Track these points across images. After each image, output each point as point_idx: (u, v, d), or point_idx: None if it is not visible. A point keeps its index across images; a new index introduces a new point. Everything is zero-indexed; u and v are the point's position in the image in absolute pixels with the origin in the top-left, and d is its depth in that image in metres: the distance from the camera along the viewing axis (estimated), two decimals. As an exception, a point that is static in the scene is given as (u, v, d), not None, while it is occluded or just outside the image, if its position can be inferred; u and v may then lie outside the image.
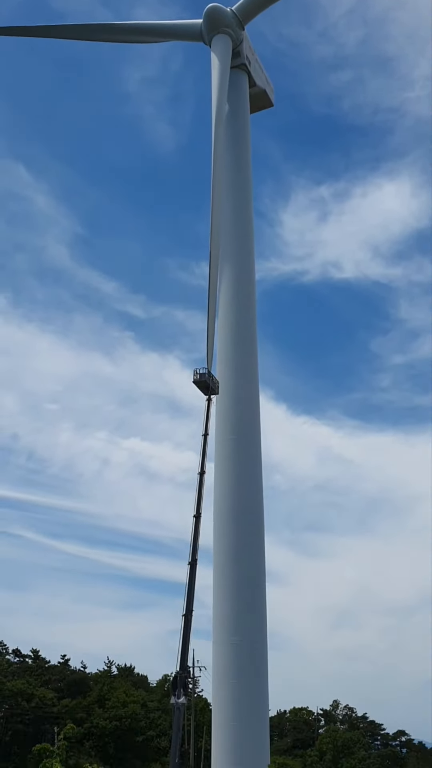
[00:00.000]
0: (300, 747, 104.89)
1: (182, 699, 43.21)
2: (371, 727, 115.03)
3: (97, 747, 77.88)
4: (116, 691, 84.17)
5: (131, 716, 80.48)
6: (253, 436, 59.13)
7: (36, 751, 14.26)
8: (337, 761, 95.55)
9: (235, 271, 64.13)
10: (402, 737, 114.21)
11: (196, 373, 55.56)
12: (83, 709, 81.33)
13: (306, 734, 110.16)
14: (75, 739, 72.77)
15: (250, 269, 65.50)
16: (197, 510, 49.82)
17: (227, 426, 58.58)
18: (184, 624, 46.21)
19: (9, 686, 78.81)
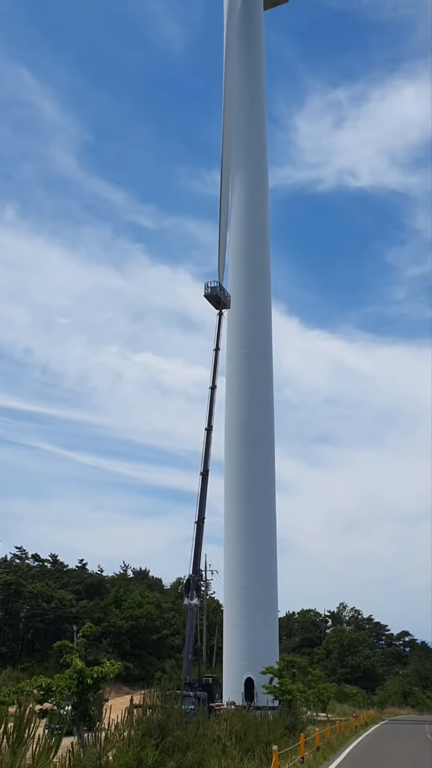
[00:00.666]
0: (307, 646, 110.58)
1: (195, 600, 45.55)
2: (376, 628, 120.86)
3: (114, 644, 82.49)
4: (132, 593, 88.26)
5: (146, 616, 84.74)
6: (265, 351, 59.37)
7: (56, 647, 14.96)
8: (343, 659, 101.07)
9: (248, 179, 62.53)
10: (405, 637, 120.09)
11: (207, 287, 55.34)
12: (101, 609, 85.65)
13: (313, 634, 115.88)
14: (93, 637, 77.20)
15: (263, 177, 63.83)
16: (209, 423, 50.88)
17: (239, 340, 58.72)
18: (197, 531, 48.16)
19: (30, 588, 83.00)
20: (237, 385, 57.45)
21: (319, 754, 23.08)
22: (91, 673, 12.46)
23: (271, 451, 57.17)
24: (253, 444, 55.43)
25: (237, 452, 55.52)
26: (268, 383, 58.58)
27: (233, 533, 53.92)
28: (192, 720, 17.32)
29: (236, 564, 52.85)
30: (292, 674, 38.83)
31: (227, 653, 52.32)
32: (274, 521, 55.45)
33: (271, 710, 32.25)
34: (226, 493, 55.88)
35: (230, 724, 21.68)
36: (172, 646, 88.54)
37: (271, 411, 58.34)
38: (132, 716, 14.30)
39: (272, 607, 53.60)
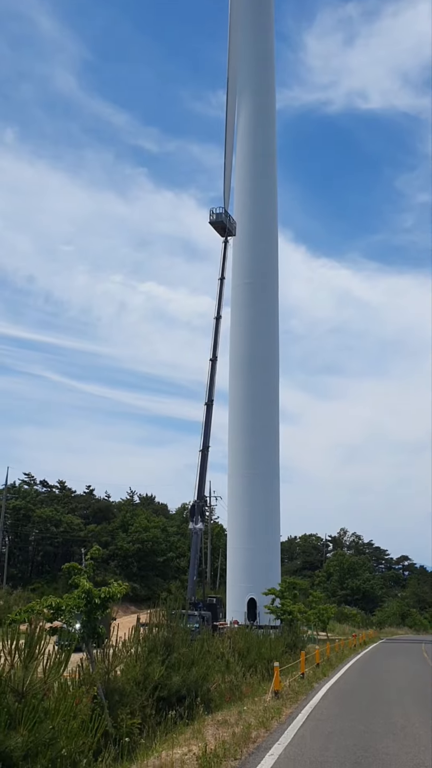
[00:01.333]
0: (309, 569, 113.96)
1: (200, 525, 46.71)
2: (376, 553, 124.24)
3: (122, 566, 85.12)
4: (138, 518, 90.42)
5: (152, 540, 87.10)
6: (271, 280, 58.76)
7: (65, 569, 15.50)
8: (343, 581, 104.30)
9: (255, 100, 60.33)
10: (405, 562, 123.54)
11: (212, 214, 54.25)
12: (108, 533, 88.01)
13: (315, 557, 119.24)
14: (101, 560, 79.64)
15: (271, 98, 61.55)
16: (213, 353, 50.95)
17: (244, 270, 58.04)
18: (201, 459, 48.98)
19: (38, 513, 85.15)
20: (242, 316, 57.13)
21: (318, 671, 24.09)
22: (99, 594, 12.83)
23: (276, 381, 57.40)
24: (258, 374, 55.58)
25: (241, 383, 55.75)
26: (273, 313, 58.23)
27: (237, 461, 54.79)
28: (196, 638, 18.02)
29: (239, 490, 53.92)
30: (293, 595, 40.16)
31: (230, 575, 54.01)
32: (277, 450, 56.23)
33: (272, 629, 33.54)
34: (230, 423, 56.48)
35: (233, 641, 22.56)
36: (177, 568, 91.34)
37: (276, 341, 58.23)
38: (139, 634, 14.86)
39: (274, 531, 54.98)
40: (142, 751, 10.82)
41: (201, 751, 9.64)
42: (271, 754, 10.18)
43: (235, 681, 18.58)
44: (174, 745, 10.67)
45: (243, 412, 55.22)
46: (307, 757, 10.08)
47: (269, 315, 57.68)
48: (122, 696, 12.24)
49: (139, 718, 12.27)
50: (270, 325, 57.57)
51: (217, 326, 50.71)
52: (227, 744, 10.39)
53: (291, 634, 32.31)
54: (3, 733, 8.44)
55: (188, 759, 9.54)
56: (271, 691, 16.57)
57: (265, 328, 56.92)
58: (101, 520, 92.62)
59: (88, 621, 12.78)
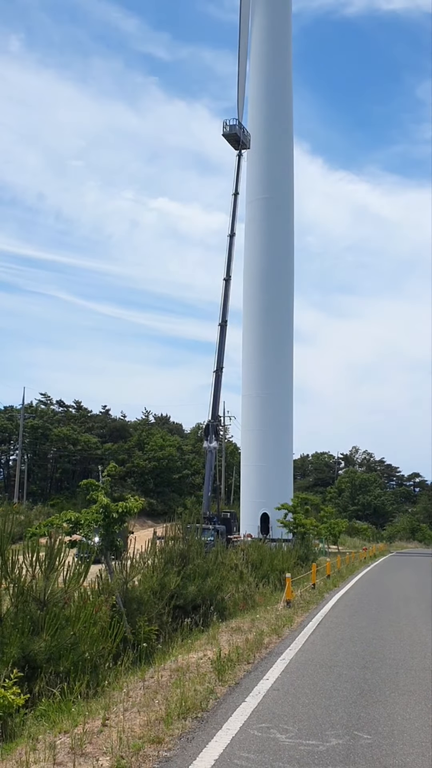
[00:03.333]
0: (321, 485, 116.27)
1: (214, 443, 47.46)
2: (387, 470, 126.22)
3: (138, 483, 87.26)
4: (154, 437, 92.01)
5: (168, 458, 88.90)
6: (286, 195, 57.24)
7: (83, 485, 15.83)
8: (354, 497, 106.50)
9: (270, 1, 57.03)
10: (416, 479, 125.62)
11: (225, 125, 52.42)
12: (124, 452, 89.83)
13: (326, 475, 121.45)
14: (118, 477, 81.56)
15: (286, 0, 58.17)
16: (227, 273, 50.32)
17: (258, 184, 56.49)
18: (215, 379, 49.26)
19: (56, 432, 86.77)
20: (256, 233, 56.04)
21: (329, 582, 24.87)
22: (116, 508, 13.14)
23: (290, 300, 56.89)
24: (273, 294, 55.02)
25: (256, 302, 55.30)
26: (288, 230, 57.05)
27: (251, 381, 55.06)
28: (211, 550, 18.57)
29: (253, 410, 54.44)
30: (305, 510, 41.09)
31: (244, 491, 55.29)
32: (291, 370, 56.38)
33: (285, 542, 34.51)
34: (244, 343, 56.41)
35: (247, 554, 23.25)
36: (192, 484, 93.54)
37: (291, 259, 57.34)
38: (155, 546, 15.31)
39: (287, 449, 55.84)
40: (159, 656, 11.31)
41: (215, 655, 10.06)
42: (283, 658, 10.61)
43: (248, 591, 19.23)
44: (190, 650, 11.13)
45: (257, 332, 55.00)
46: (317, 661, 10.51)
47: (284, 232, 56.51)
48: (140, 604, 12.71)
49: (156, 625, 12.78)
50: (285, 243, 56.50)
51: (231, 244, 49.89)
52: (240, 649, 10.82)
53: (303, 547, 33.21)
54: (27, 638, 8.84)
55: (203, 663, 9.97)
56: (283, 601, 17.17)
57: (280, 246, 55.89)
58: (117, 439, 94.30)
59: (106, 534, 13.14)
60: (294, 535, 37.78)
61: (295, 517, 38.17)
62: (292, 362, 56.66)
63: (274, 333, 54.72)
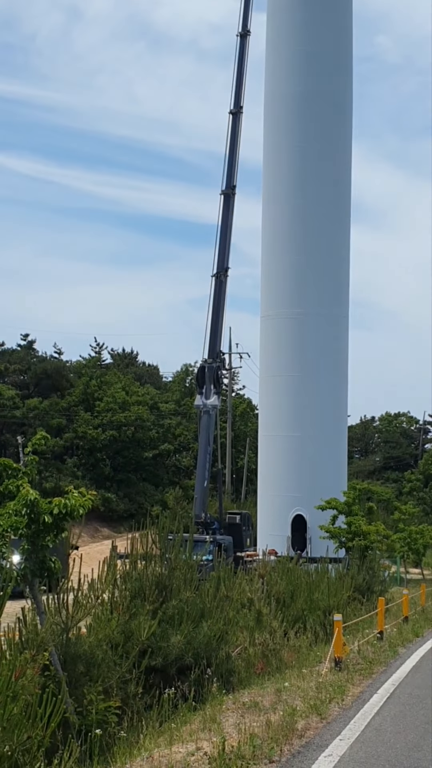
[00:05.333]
0: (395, 468, 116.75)
1: (213, 399, 47.57)
2: None
3: (86, 466, 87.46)
4: (111, 388, 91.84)
5: (135, 423, 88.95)
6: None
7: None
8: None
9: None
10: None
11: None
12: (61, 412, 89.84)
13: (404, 451, 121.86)
14: (51, 455, 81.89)
15: None
16: (236, 102, 49.50)
17: None
18: (216, 289, 49.00)
19: None
20: (286, 31, 54.91)
21: (407, 628, 25.25)
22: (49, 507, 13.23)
23: (346, 152, 56.19)
24: (313, 140, 54.22)
25: (285, 156, 54.55)
26: (342, 25, 55.88)
27: (276, 293, 54.73)
28: (209, 576, 18.79)
29: (280, 342, 54.28)
30: (368, 510, 41.42)
31: (264, 479, 55.61)
32: (345, 273, 55.99)
33: (333, 564, 34.92)
34: (264, 229, 55.86)
35: (268, 582, 23.55)
36: (177, 468, 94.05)
37: (349, 78, 56.38)
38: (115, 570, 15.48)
39: (338, 408, 55.95)
40: (123, 749, 11.52)
41: (216, 749, 10.24)
42: (329, 754, 10.83)
43: (271, 643, 19.54)
44: (173, 740, 11.34)
45: (287, 207, 54.42)
46: (387, 759, 10.75)
47: (335, 27, 55.39)
48: (90, 666, 12.89)
49: (118, 700, 13.01)
50: (337, 48, 55.40)
51: (243, 51, 49.04)
52: (258, 739, 11.02)
53: (363, 570, 33.59)
54: None
55: (196, 762, 10.16)
56: (329, 659, 17.45)
57: (327, 54, 54.82)
58: (49, 390, 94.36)
59: (33, 550, 13.28)
60: (348, 551, 38.11)
61: (350, 520, 38.48)
62: (348, 259, 56.17)
63: (316, 209, 54.10)
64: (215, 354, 48.44)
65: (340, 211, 55.71)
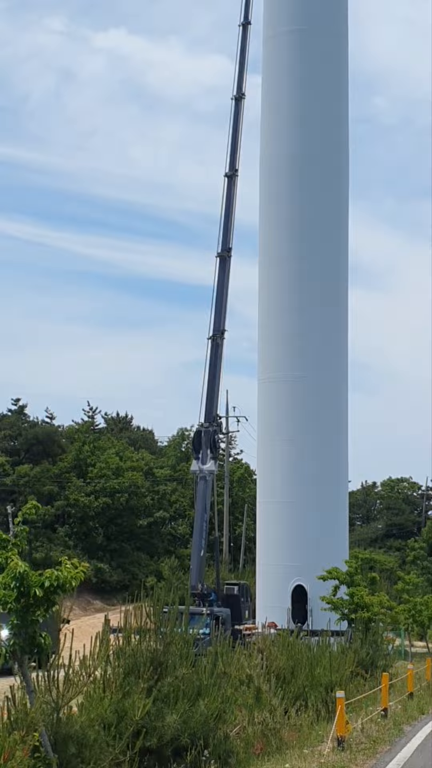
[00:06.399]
0: (397, 536, 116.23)
1: (210, 464, 47.46)
2: None
3: (78, 535, 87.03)
4: (104, 453, 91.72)
5: (129, 490, 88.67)
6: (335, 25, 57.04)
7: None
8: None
9: None
10: None
11: None
12: (53, 479, 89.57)
13: (407, 518, 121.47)
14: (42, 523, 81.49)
15: None
16: (231, 164, 50.05)
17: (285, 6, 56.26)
18: (212, 352, 49.14)
19: None
20: (282, 92, 55.77)
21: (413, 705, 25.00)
22: (39, 580, 13.16)
23: (343, 213, 56.72)
24: (311, 201, 54.79)
25: (282, 218, 55.09)
26: (339, 86, 56.80)
27: (273, 356, 54.90)
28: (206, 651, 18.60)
29: (278, 406, 54.32)
30: (370, 580, 41.09)
31: (263, 547, 55.34)
32: (344, 335, 56.23)
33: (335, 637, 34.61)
34: (261, 290, 56.22)
35: (268, 657, 23.31)
36: (172, 536, 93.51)
37: (345, 140, 57.07)
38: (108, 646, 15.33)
39: (339, 473, 55.87)
40: None
41: None
42: None
43: (271, 722, 19.30)
44: None
45: (285, 269, 54.80)
46: None
47: (332, 90, 56.24)
48: (82, 747, 12.74)
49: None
50: (333, 110, 56.22)
51: (239, 113, 49.71)
52: None
53: (367, 644, 33.29)
54: None
55: None
56: (331, 738, 17.24)
57: (324, 116, 55.63)
58: (40, 456, 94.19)
59: (23, 625, 13.17)
60: (351, 624, 37.80)
61: (352, 592, 38.22)
62: (346, 321, 56.46)
63: (313, 271, 54.47)
64: (212, 418, 48.45)
65: (338, 273, 56.12)
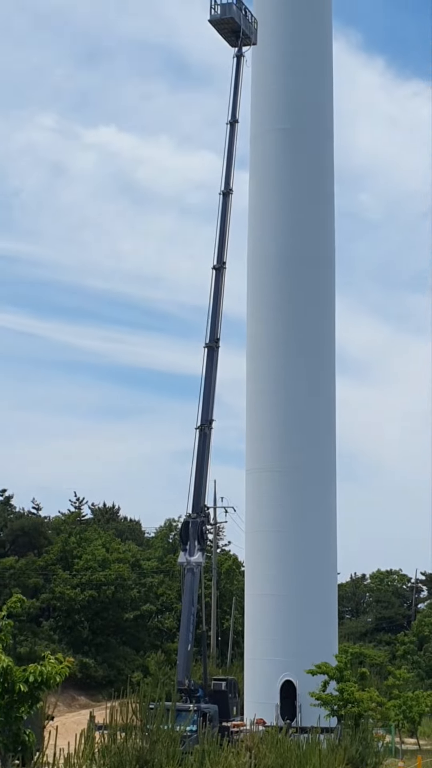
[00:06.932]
0: (387, 630, 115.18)
1: (197, 556, 47.14)
2: None
3: (63, 628, 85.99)
4: (91, 545, 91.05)
5: (116, 582, 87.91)
6: (321, 123, 58.35)
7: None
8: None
9: None
10: None
11: (214, 5, 53.43)
12: (38, 571, 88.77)
13: (397, 611, 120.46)
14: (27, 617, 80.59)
15: None
16: (219, 258, 50.51)
17: (273, 106, 57.55)
18: (200, 442, 49.02)
19: None
20: (269, 189, 56.76)
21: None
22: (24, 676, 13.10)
23: (330, 305, 57.34)
24: (298, 294, 55.47)
25: (269, 310, 55.71)
26: (325, 183, 57.88)
27: (261, 447, 55.03)
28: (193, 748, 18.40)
29: (266, 496, 54.29)
30: (360, 675, 40.76)
31: (251, 642, 54.84)
32: (332, 424, 56.46)
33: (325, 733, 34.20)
34: (249, 381, 56.55)
35: (256, 755, 23.04)
36: (159, 630, 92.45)
37: (331, 234, 57.97)
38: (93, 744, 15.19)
39: (327, 565, 55.62)
40: None
41: None
42: None
43: None
44: None
45: (272, 360, 55.21)
46: None
47: (318, 186, 57.21)
48: None
49: None
50: (320, 206, 57.13)
51: (226, 208, 50.32)
52: None
53: (357, 741, 32.91)
54: None
55: None
56: None
57: (310, 212, 56.51)
58: (26, 548, 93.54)
59: (6, 722, 13.06)
60: (341, 720, 37.39)
61: (342, 687, 37.88)
62: (333, 411, 56.70)
63: (300, 362, 54.86)
64: (199, 508, 48.20)
65: (325, 364, 56.52)
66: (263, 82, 57.36)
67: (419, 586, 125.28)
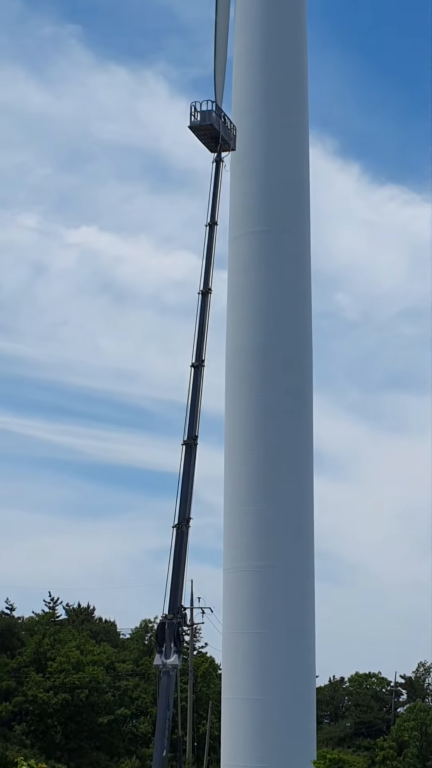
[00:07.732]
0: (366, 735, 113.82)
1: (173, 658, 46.81)
2: None
3: (35, 733, 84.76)
4: (65, 647, 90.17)
5: (90, 685, 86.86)
6: (298, 227, 59.39)
7: None
8: (428, 756, 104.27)
9: None
10: None
11: (194, 112, 54.73)
12: (11, 673, 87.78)
13: (376, 715, 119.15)
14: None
15: None
16: (198, 355, 51.01)
17: (251, 209, 58.60)
18: (177, 541, 48.98)
19: None
20: (247, 288, 57.62)
21: None
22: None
23: (308, 404, 57.78)
24: (276, 393, 55.94)
25: (247, 408, 56.10)
26: (303, 284, 58.76)
27: (238, 545, 54.98)
28: None
29: (243, 595, 54.11)
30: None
31: (228, 748, 54.15)
32: (310, 523, 56.49)
33: None
34: (226, 478, 56.68)
35: None
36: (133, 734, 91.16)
37: (309, 334, 58.67)
38: None
39: (306, 669, 55.22)
40: None
41: None
42: None
43: None
44: None
45: (250, 458, 55.40)
46: None
47: (296, 287, 58.00)
48: None
49: None
50: (297, 306, 57.87)
51: (205, 307, 50.92)
52: None
53: None
54: None
55: None
56: None
57: (287, 311, 57.23)
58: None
59: None
60: None
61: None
62: (312, 510, 56.72)
63: (278, 460, 55.06)
64: (176, 609, 47.89)
65: (303, 462, 56.80)
66: (242, 185, 58.46)
67: (399, 690, 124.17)
